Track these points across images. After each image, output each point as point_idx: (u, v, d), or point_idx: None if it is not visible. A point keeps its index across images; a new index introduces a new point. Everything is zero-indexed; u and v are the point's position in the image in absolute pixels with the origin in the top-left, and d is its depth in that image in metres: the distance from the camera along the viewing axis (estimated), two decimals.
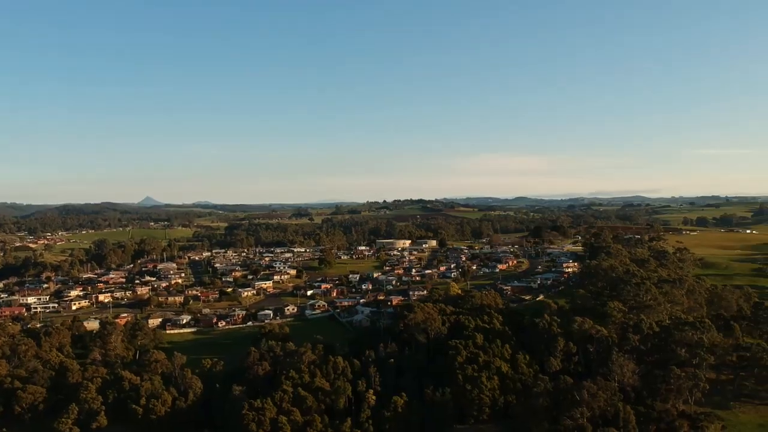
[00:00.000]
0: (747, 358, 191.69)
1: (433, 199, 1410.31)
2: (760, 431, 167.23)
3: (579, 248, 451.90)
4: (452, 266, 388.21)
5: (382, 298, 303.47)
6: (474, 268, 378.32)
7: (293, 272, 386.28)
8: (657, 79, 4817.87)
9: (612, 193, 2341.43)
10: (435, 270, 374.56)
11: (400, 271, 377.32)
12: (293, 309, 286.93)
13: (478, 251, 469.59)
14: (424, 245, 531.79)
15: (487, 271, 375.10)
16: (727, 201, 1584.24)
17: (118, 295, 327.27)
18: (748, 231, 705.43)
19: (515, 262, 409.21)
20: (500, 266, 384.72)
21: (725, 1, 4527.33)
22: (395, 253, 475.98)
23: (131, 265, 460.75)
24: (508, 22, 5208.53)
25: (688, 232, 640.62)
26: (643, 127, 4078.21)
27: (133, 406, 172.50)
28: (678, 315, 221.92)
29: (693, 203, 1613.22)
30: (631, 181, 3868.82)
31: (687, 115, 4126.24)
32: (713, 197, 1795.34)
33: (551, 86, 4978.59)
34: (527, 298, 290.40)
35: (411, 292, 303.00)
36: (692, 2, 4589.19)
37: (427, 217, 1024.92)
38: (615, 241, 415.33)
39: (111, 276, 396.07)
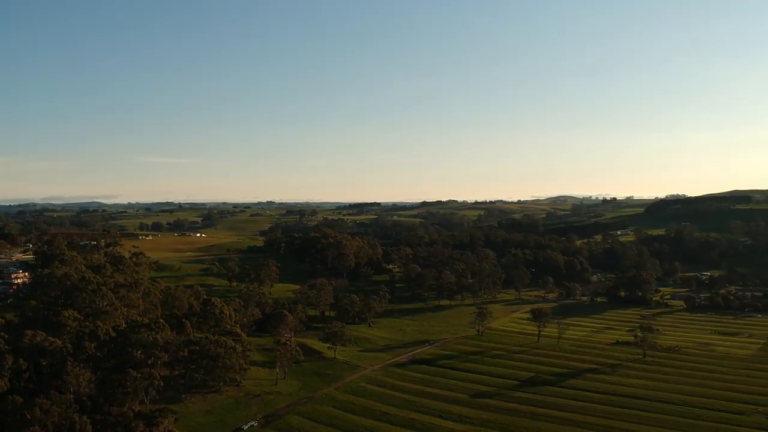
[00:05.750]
0: (197, 352, 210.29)
1: None
2: (207, 417, 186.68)
3: (30, 257, 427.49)
4: None
5: None
6: None
7: None
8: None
9: (67, 199, 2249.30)
10: None
11: None
12: None
13: None
14: None
15: None
16: (180, 207, 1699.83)
17: None
18: (198, 234, 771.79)
19: None
20: None
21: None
22: None
23: None
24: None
25: (144, 236, 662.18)
26: (101, 131, 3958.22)
27: None
28: (135, 318, 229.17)
29: (149, 209, 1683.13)
30: (88, 187, 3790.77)
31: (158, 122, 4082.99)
32: (168, 203, 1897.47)
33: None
34: None
35: None
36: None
37: None
38: (70, 248, 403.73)
39: None
